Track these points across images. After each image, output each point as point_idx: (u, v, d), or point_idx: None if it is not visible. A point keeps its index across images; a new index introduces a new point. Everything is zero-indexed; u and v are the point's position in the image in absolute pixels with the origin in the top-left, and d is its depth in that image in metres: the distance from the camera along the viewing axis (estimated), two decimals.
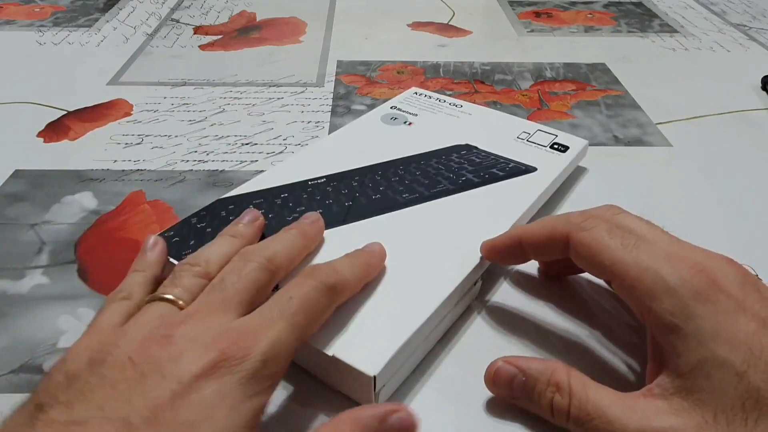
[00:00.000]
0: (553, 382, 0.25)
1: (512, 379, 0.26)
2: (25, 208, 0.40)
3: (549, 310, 0.32)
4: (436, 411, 0.27)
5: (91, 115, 0.51)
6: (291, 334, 0.23)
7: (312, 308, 0.24)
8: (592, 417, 0.23)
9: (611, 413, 0.23)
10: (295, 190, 0.36)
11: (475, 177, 0.37)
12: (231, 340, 0.22)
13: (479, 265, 0.31)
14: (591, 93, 0.56)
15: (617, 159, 0.46)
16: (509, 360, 0.26)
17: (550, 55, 0.63)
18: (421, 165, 0.38)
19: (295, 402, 0.27)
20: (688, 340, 0.23)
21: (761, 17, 0.75)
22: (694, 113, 0.53)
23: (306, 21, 0.72)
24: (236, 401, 0.20)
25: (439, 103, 0.46)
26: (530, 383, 0.25)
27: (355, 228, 0.33)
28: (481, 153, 0.40)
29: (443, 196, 0.35)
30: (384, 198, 0.35)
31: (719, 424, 0.21)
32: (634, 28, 0.71)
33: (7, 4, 0.74)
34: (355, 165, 0.38)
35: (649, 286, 0.24)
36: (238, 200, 0.35)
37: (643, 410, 0.23)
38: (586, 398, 0.24)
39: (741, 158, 0.46)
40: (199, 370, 0.21)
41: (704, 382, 0.22)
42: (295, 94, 0.54)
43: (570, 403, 0.24)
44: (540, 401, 0.25)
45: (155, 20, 0.71)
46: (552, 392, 0.25)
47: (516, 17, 0.74)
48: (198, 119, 0.50)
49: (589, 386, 0.24)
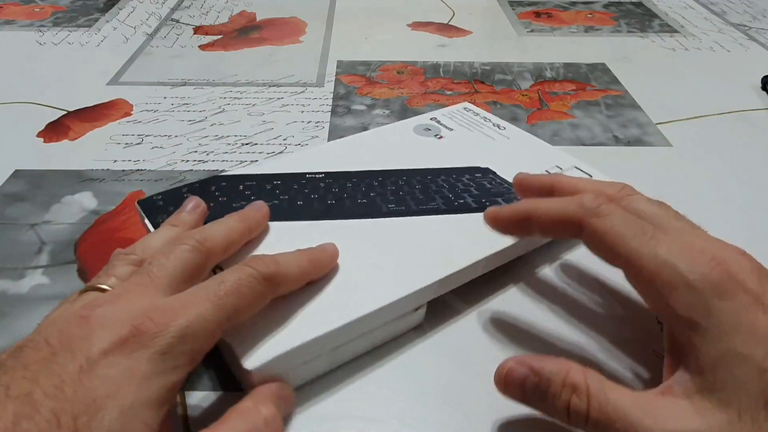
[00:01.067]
0: (569, 383, 0.23)
1: (524, 381, 0.24)
2: (25, 208, 0.40)
3: (552, 316, 0.32)
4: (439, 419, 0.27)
5: (91, 115, 0.51)
6: (215, 315, 0.23)
7: (243, 294, 0.24)
8: (614, 420, 0.22)
9: (633, 416, 0.22)
10: (289, 180, 0.36)
11: (474, 202, 0.35)
12: (148, 316, 0.21)
13: (421, 292, 0.29)
14: (591, 93, 0.56)
15: (617, 159, 0.46)
16: (521, 360, 0.25)
17: (550, 55, 0.63)
18: (425, 180, 0.37)
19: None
20: (707, 335, 0.22)
21: (761, 17, 0.75)
22: (694, 113, 0.53)
23: (306, 21, 0.72)
24: (145, 377, 0.20)
25: (482, 122, 0.44)
26: (544, 385, 0.24)
27: (323, 226, 0.33)
28: (495, 180, 0.37)
29: (430, 214, 0.34)
30: (369, 204, 0.35)
31: (744, 423, 0.21)
32: (634, 28, 0.71)
33: (7, 4, 0.74)
34: (362, 167, 0.38)
35: (667, 280, 0.23)
36: (231, 179, 0.36)
37: (665, 412, 0.22)
38: (606, 400, 0.22)
39: (741, 158, 0.46)
40: (109, 346, 0.20)
41: (726, 378, 0.21)
42: (295, 94, 0.54)
43: (589, 406, 0.23)
44: (555, 404, 0.23)
45: (155, 20, 0.71)
46: (568, 394, 0.23)
47: (516, 17, 0.74)
48: (198, 119, 0.50)
49: (608, 386, 0.23)
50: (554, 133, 0.49)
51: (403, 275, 0.30)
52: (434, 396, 0.28)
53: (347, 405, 0.27)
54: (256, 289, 0.24)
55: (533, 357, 0.25)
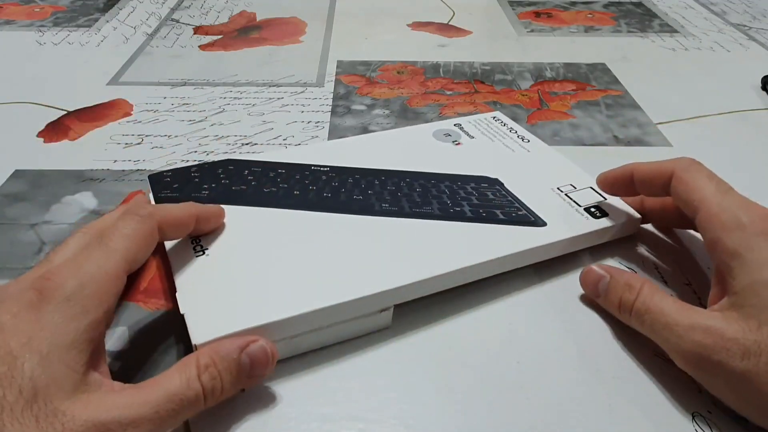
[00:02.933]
0: (627, 284, 0.30)
1: (599, 281, 0.32)
2: (25, 208, 0.39)
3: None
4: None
5: (91, 115, 0.51)
6: (108, 260, 0.25)
7: (128, 236, 0.26)
8: (651, 311, 0.28)
9: (668, 310, 0.28)
10: (294, 170, 0.38)
11: (471, 211, 0.35)
12: (45, 277, 0.23)
13: (385, 294, 0.29)
14: (591, 93, 0.56)
15: (617, 159, 0.46)
16: (601, 265, 0.32)
17: (550, 55, 0.63)
18: (428, 183, 0.37)
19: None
20: (745, 265, 0.27)
21: (761, 17, 0.75)
22: (694, 113, 0.53)
23: (306, 21, 0.72)
24: (56, 323, 0.22)
25: (507, 133, 0.43)
26: (611, 284, 0.31)
27: (309, 216, 0.34)
28: (501, 191, 0.37)
29: (423, 218, 0.34)
30: (363, 201, 0.35)
31: (762, 334, 0.25)
32: (634, 28, 0.71)
33: (7, 4, 0.74)
34: (370, 165, 0.38)
35: (725, 221, 0.28)
36: (240, 164, 0.38)
37: (697, 314, 0.27)
38: (650, 298, 0.29)
39: (741, 158, 0.46)
40: (18, 309, 0.22)
41: (753, 299, 0.26)
42: (295, 94, 0.54)
43: (636, 300, 0.29)
44: (611, 298, 0.31)
45: (155, 20, 0.71)
46: (623, 290, 0.30)
47: (516, 17, 0.74)
48: (198, 119, 0.50)
49: (659, 292, 0.29)
50: (554, 133, 0.49)
51: (370, 275, 0.30)
52: (434, 396, 0.28)
53: (347, 405, 0.27)
54: (139, 229, 0.26)
55: (613, 267, 0.32)
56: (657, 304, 0.28)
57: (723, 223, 0.28)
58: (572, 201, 0.36)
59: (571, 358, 0.30)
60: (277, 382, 0.28)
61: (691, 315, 0.27)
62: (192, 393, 0.24)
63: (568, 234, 0.34)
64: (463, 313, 0.32)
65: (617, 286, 0.31)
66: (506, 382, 0.29)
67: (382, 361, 0.30)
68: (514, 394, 0.28)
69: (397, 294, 0.30)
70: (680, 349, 0.27)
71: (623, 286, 0.30)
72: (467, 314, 0.32)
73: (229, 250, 0.31)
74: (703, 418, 0.27)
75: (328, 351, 0.30)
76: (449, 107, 0.53)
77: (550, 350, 0.30)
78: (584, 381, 0.29)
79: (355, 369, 0.29)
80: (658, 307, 0.28)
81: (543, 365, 0.30)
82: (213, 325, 0.26)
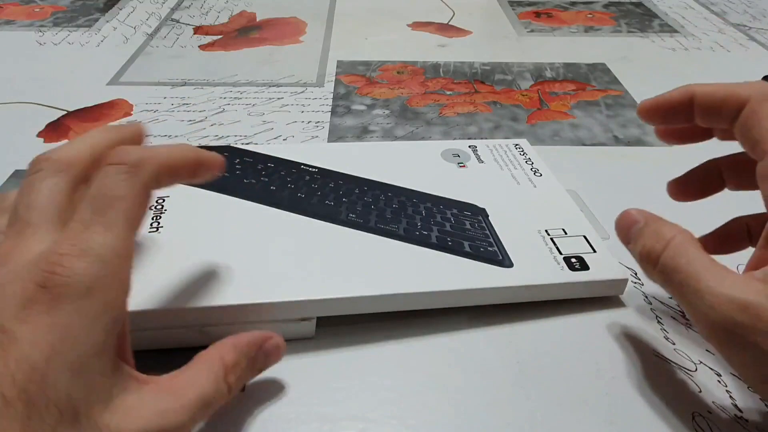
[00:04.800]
0: (657, 233, 0.25)
1: (632, 225, 0.27)
2: None
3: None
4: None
5: (91, 115, 0.51)
6: (112, 235, 0.21)
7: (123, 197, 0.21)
8: (680, 270, 0.24)
9: (698, 272, 0.23)
10: (282, 166, 0.38)
11: (438, 238, 0.33)
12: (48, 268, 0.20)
13: (305, 304, 0.29)
14: (591, 93, 0.56)
15: (617, 159, 0.46)
16: (641, 210, 0.27)
17: (550, 55, 0.63)
18: (408, 201, 0.36)
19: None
20: None
21: (761, 17, 0.75)
22: None
23: (306, 21, 0.72)
24: (80, 326, 0.19)
25: (521, 164, 0.41)
26: (642, 230, 0.26)
27: (275, 214, 0.34)
28: (481, 223, 0.35)
29: (384, 236, 0.33)
30: (332, 208, 0.35)
31: None
32: (634, 28, 0.71)
33: (7, 4, 0.74)
34: (359, 173, 0.38)
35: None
36: (235, 152, 0.39)
37: (731, 281, 0.23)
38: (681, 254, 0.24)
39: None
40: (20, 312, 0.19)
41: None
42: (295, 94, 0.54)
43: (663, 252, 0.24)
44: (637, 245, 0.26)
45: (155, 20, 0.71)
46: (650, 240, 0.25)
47: (516, 17, 0.74)
48: (198, 119, 0.50)
49: (693, 246, 0.24)
50: (554, 133, 0.49)
51: (296, 282, 0.30)
52: (435, 397, 0.28)
53: (347, 405, 0.27)
54: (134, 185, 0.22)
55: (653, 214, 0.27)
56: (689, 264, 0.24)
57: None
58: (554, 246, 0.34)
59: (571, 358, 0.30)
60: (277, 382, 0.28)
61: (728, 283, 0.23)
62: (220, 395, 0.23)
63: (532, 281, 0.32)
64: (464, 315, 0.32)
65: (645, 233, 0.26)
66: (506, 382, 0.29)
67: (383, 360, 0.30)
68: (514, 394, 0.28)
69: (319, 306, 0.29)
70: (708, 321, 0.23)
71: (651, 234, 0.26)
72: (467, 316, 0.32)
73: (181, 232, 0.32)
74: (703, 418, 0.27)
75: (327, 351, 0.30)
76: (449, 107, 0.53)
77: (550, 351, 0.30)
78: (584, 381, 0.29)
79: (356, 369, 0.29)
80: (690, 268, 0.24)
81: (543, 366, 0.30)
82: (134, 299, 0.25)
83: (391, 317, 0.31)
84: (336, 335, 0.30)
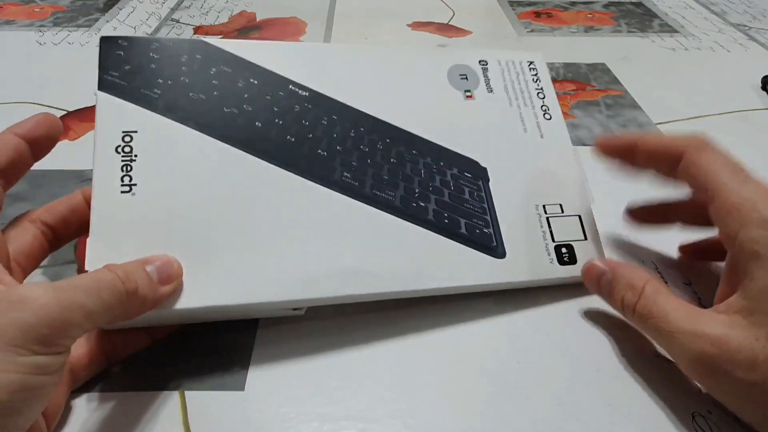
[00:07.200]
0: (629, 284, 0.29)
1: (601, 277, 0.30)
2: (25, 208, 0.39)
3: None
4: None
5: (91, 115, 0.50)
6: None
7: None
8: (654, 315, 0.27)
9: (671, 316, 0.26)
10: (268, 84, 0.32)
11: (434, 212, 0.31)
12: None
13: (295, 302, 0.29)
14: (591, 93, 0.56)
15: None
16: (604, 260, 0.31)
17: (550, 55, 0.63)
18: (408, 154, 0.32)
19: None
20: (764, 267, 0.24)
21: (761, 17, 0.75)
22: (693, 113, 0.52)
23: (306, 21, 0.72)
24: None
25: (533, 95, 0.37)
26: (613, 282, 0.29)
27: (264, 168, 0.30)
28: (480, 191, 0.33)
29: (379, 207, 0.30)
30: (326, 162, 0.31)
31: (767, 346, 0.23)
32: (634, 28, 0.71)
33: (7, 4, 0.74)
34: (356, 99, 0.33)
35: (745, 214, 0.26)
36: (210, 52, 0.32)
37: (700, 317, 0.26)
38: (653, 301, 0.27)
39: (741, 158, 0.46)
40: None
41: (766, 306, 0.24)
42: None
43: (638, 302, 0.28)
44: (614, 297, 0.29)
45: (155, 20, 0.71)
46: (626, 291, 0.28)
47: (516, 17, 0.74)
48: None
49: (662, 293, 0.28)
50: None
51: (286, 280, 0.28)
52: (434, 396, 0.28)
53: (347, 405, 0.27)
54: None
55: (617, 262, 0.31)
56: (660, 308, 0.27)
57: (742, 216, 0.26)
58: (549, 231, 0.33)
59: (571, 358, 0.30)
60: (277, 382, 0.28)
61: (695, 321, 0.26)
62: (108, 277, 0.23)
63: (523, 277, 0.32)
64: (463, 314, 0.32)
65: (619, 285, 0.29)
66: (506, 382, 0.29)
67: (383, 360, 0.30)
68: (513, 394, 0.28)
69: (306, 302, 0.29)
70: (685, 357, 0.26)
71: (625, 286, 0.29)
72: (467, 314, 0.32)
73: (159, 192, 0.28)
74: (703, 418, 0.27)
75: (327, 350, 0.30)
76: None
77: (550, 350, 0.30)
78: (584, 381, 0.29)
79: (355, 369, 0.29)
80: (662, 312, 0.27)
81: (543, 365, 0.30)
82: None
83: (391, 317, 0.31)
84: (336, 335, 0.30)
